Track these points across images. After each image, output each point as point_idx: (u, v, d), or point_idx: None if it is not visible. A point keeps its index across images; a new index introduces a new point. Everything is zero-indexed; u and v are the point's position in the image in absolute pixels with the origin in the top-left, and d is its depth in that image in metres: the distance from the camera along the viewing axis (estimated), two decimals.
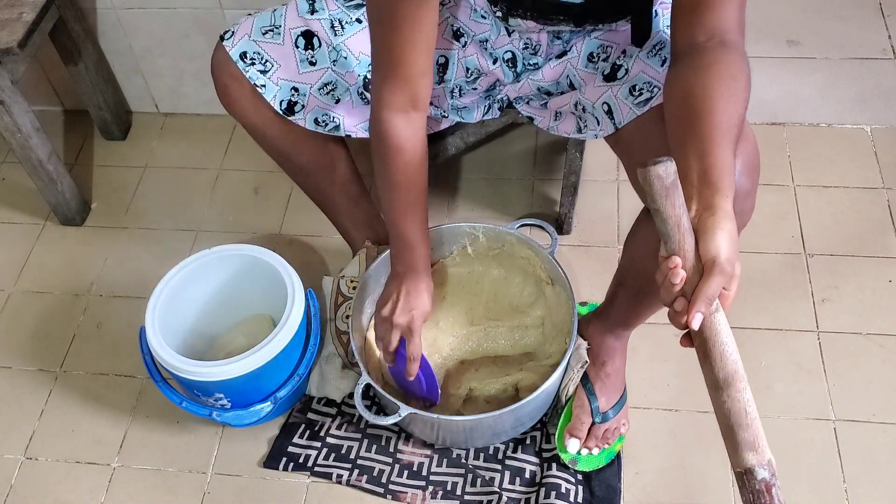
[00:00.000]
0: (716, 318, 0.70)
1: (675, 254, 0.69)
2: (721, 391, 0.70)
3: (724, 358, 0.70)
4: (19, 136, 1.43)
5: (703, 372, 0.71)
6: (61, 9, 1.49)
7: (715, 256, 0.68)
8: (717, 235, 0.68)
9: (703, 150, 0.73)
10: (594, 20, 0.95)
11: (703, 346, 0.71)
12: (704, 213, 0.70)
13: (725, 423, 0.70)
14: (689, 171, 0.72)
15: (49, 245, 1.60)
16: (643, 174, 0.67)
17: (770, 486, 0.68)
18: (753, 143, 0.87)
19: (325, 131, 1.14)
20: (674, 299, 0.70)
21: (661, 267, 0.70)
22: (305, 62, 1.06)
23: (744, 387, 0.69)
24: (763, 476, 0.68)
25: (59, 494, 1.26)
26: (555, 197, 1.56)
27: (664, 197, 0.67)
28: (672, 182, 0.67)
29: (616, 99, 0.99)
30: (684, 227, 0.69)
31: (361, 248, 1.36)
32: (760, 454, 0.68)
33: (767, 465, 0.68)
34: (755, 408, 0.69)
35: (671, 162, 0.67)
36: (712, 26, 0.83)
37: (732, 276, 0.69)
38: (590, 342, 1.22)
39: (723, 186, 0.71)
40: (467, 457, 1.25)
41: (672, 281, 0.68)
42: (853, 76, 1.57)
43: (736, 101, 0.78)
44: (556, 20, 0.95)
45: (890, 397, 1.26)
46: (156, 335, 1.16)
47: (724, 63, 0.80)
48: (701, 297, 0.68)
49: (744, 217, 0.89)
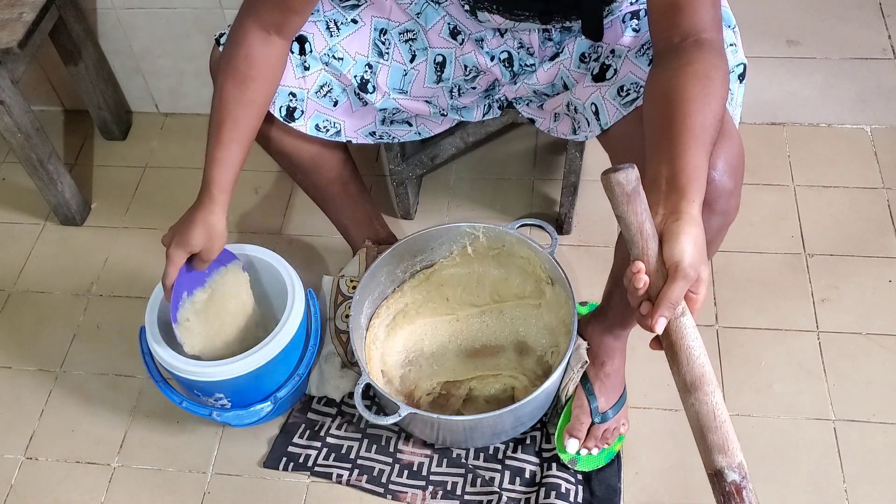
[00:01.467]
0: (682, 322, 0.70)
1: (639, 259, 0.70)
2: (689, 394, 0.70)
3: (690, 361, 0.70)
4: (19, 136, 1.43)
5: (672, 375, 0.72)
6: (61, 9, 1.49)
7: (678, 261, 0.69)
8: (680, 240, 0.69)
9: (674, 155, 0.74)
10: (559, 17, 0.95)
11: (670, 349, 0.72)
12: (670, 217, 0.71)
13: (696, 426, 0.70)
14: (659, 176, 0.74)
15: (49, 245, 1.60)
16: (605, 181, 0.69)
17: (741, 488, 0.68)
18: (737, 142, 0.87)
19: (326, 137, 1.14)
20: (640, 303, 0.71)
21: (626, 272, 0.71)
22: (300, 67, 1.06)
23: (712, 390, 0.70)
24: (733, 478, 0.68)
25: (59, 494, 1.26)
26: (555, 197, 1.56)
27: (626, 203, 0.69)
28: (633, 189, 0.68)
29: (604, 99, 1.00)
30: (647, 232, 0.70)
31: (361, 248, 1.36)
32: (730, 457, 0.68)
33: (738, 467, 0.68)
34: (725, 410, 0.70)
35: (633, 169, 0.68)
36: (686, 27, 0.84)
37: (698, 280, 0.70)
38: (589, 342, 1.23)
39: (690, 191, 0.71)
40: (467, 457, 1.25)
41: (635, 286, 0.70)
42: (853, 76, 1.58)
43: (710, 101, 0.79)
44: (522, 16, 0.95)
45: (890, 397, 1.26)
46: (156, 335, 1.16)
47: (699, 62, 0.81)
48: (664, 301, 0.69)
49: (728, 216, 0.89)
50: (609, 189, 0.69)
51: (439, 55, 1.09)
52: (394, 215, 1.57)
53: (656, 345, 0.74)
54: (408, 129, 1.21)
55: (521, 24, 0.99)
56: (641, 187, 0.69)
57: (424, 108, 1.14)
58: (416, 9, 1.06)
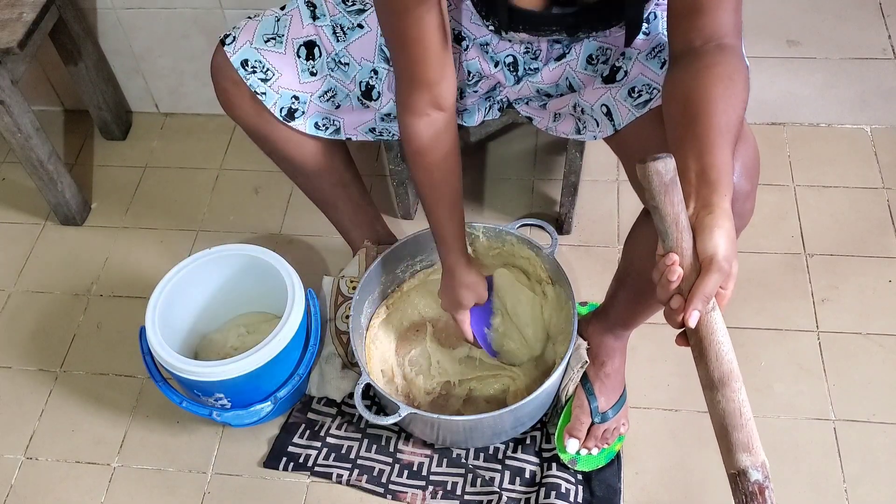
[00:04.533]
0: (712, 317, 0.69)
1: (673, 251, 0.68)
2: (716, 391, 0.69)
3: (719, 357, 0.69)
4: (19, 136, 1.43)
5: (698, 371, 0.71)
6: (61, 9, 1.49)
7: (713, 254, 0.67)
8: (714, 233, 0.68)
9: (702, 150, 0.73)
10: (587, 29, 0.95)
11: (698, 345, 0.70)
12: (702, 211, 0.69)
13: (720, 424, 0.69)
14: (688, 170, 0.72)
15: (49, 245, 1.60)
16: (642, 170, 0.67)
17: (763, 488, 0.67)
18: (753, 145, 0.87)
19: (325, 135, 1.14)
20: (670, 297, 0.69)
21: (658, 264, 0.70)
22: (306, 72, 1.06)
23: (739, 387, 0.69)
24: (756, 478, 0.67)
25: (59, 494, 1.26)
26: (555, 197, 1.56)
27: (663, 193, 0.67)
28: (671, 179, 0.67)
29: (615, 101, 0.99)
30: (682, 224, 0.68)
31: (361, 248, 1.36)
32: (755, 456, 0.68)
33: (761, 466, 0.68)
34: (750, 409, 0.69)
35: (670, 158, 0.66)
36: (708, 31, 0.83)
37: (730, 274, 0.68)
38: (589, 342, 1.22)
39: (721, 185, 0.70)
40: (467, 457, 1.25)
41: (669, 278, 0.68)
42: (853, 76, 1.57)
43: (734, 102, 0.78)
44: (549, 31, 0.95)
45: (890, 397, 1.26)
46: (156, 335, 1.16)
47: (721, 65, 0.80)
48: (698, 294, 0.67)
49: (743, 219, 0.89)
50: (646, 178, 0.67)
51: None
52: (394, 215, 1.57)
53: (682, 341, 0.72)
54: None
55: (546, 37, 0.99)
56: (678, 178, 0.67)
57: None
58: None
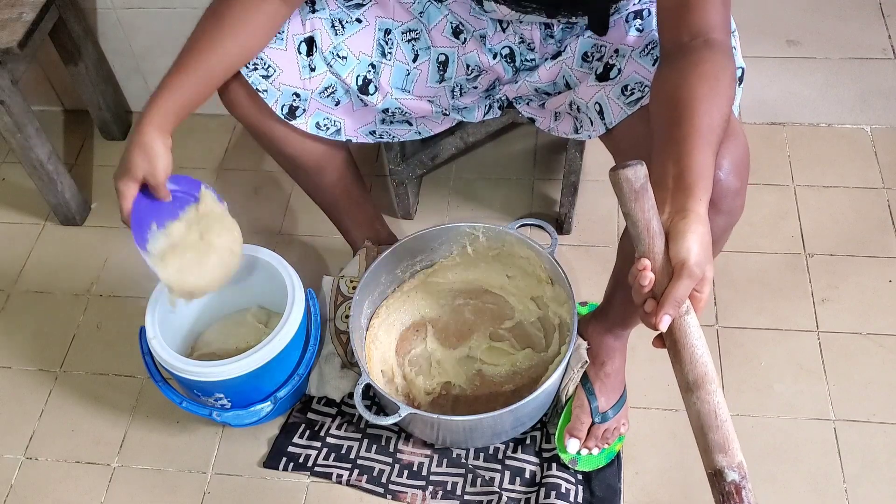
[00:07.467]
0: (686, 321, 0.70)
1: (645, 256, 0.70)
2: (691, 393, 0.70)
3: (693, 360, 0.70)
4: (19, 136, 1.43)
5: (674, 373, 0.72)
6: (61, 9, 1.49)
7: (684, 259, 0.68)
8: (687, 238, 0.69)
9: (681, 154, 0.74)
10: (566, 10, 0.95)
11: (673, 347, 0.72)
12: (676, 216, 0.71)
13: (696, 425, 0.71)
14: (666, 174, 0.74)
15: (49, 245, 1.60)
16: (613, 177, 0.68)
17: (740, 487, 0.68)
18: (743, 142, 0.87)
19: (326, 135, 1.14)
20: (644, 301, 0.71)
21: (631, 269, 0.71)
22: (307, 68, 1.06)
23: (714, 389, 0.70)
24: (733, 478, 0.68)
25: (59, 494, 1.26)
26: (555, 197, 1.56)
27: (633, 200, 0.69)
28: (641, 185, 0.68)
29: (608, 98, 1.00)
30: (654, 230, 0.70)
31: (361, 248, 1.36)
32: (730, 456, 0.69)
33: (738, 467, 0.69)
34: (726, 410, 0.70)
35: (641, 165, 0.68)
36: (696, 26, 0.84)
37: (704, 278, 0.70)
38: (589, 342, 1.23)
39: (697, 190, 0.71)
40: (467, 457, 1.25)
41: (640, 283, 0.70)
42: (853, 76, 1.58)
43: (718, 101, 0.79)
44: (529, 8, 0.95)
45: (890, 397, 1.26)
46: (156, 335, 1.16)
47: (708, 63, 0.81)
48: (669, 299, 0.69)
49: (733, 216, 0.89)
50: (617, 185, 0.68)
51: (442, 54, 1.09)
52: (394, 215, 1.57)
53: (659, 343, 0.74)
54: (408, 129, 1.21)
55: (527, 16, 0.99)
56: (649, 184, 0.69)
57: (427, 108, 1.14)
58: (418, 7, 1.06)
